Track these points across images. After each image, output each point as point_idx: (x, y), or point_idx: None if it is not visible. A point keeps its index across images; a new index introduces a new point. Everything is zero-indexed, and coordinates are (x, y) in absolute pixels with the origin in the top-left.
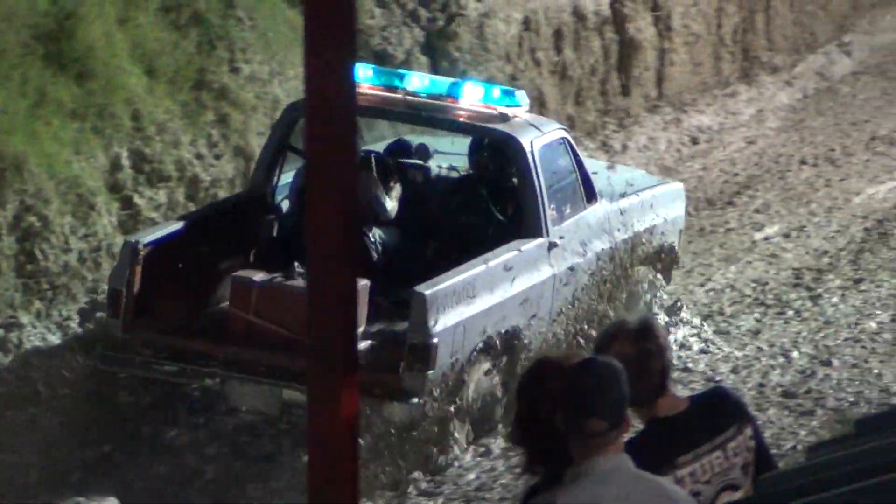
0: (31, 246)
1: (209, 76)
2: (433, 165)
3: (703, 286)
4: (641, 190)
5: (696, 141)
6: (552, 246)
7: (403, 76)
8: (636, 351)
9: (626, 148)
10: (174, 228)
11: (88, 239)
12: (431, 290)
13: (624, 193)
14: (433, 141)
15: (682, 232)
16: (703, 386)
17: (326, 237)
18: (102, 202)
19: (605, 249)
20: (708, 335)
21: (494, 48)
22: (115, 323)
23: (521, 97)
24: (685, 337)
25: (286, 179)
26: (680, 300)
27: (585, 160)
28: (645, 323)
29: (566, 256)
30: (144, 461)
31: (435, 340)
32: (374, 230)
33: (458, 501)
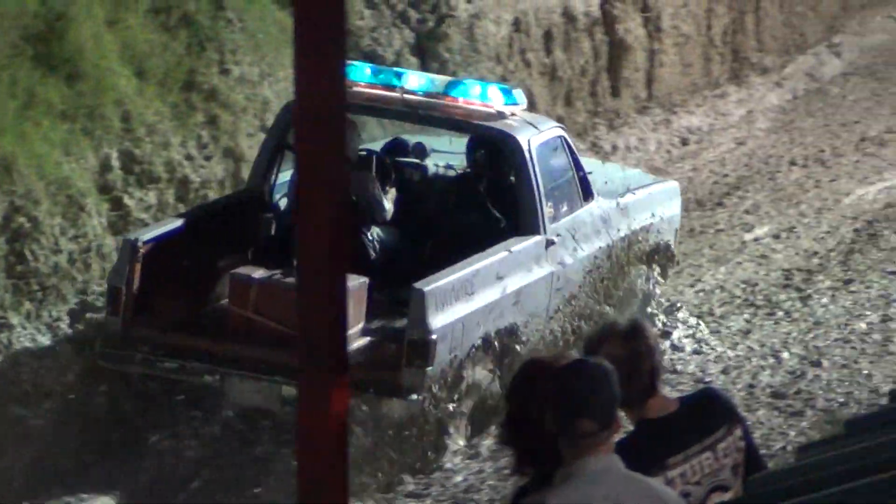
0: (20, 247)
1: (199, 77)
2: (430, 164)
3: (692, 287)
4: (638, 188)
5: (685, 142)
6: (549, 244)
7: (401, 75)
8: (626, 352)
9: (615, 149)
10: (173, 226)
11: (78, 240)
12: (430, 286)
13: (620, 192)
14: (429, 140)
15: (678, 231)
16: (692, 387)
17: (317, 238)
18: (92, 203)
19: (601, 247)
20: (703, 335)
21: (484, 49)
22: (114, 320)
23: (518, 95)
24: (679, 338)
25: (284, 178)
26: (679, 301)
27: (582, 159)
28: (634, 324)
29: (563, 254)
30: (138, 460)
31: (434, 337)
32: (372, 229)
33: (446, 503)
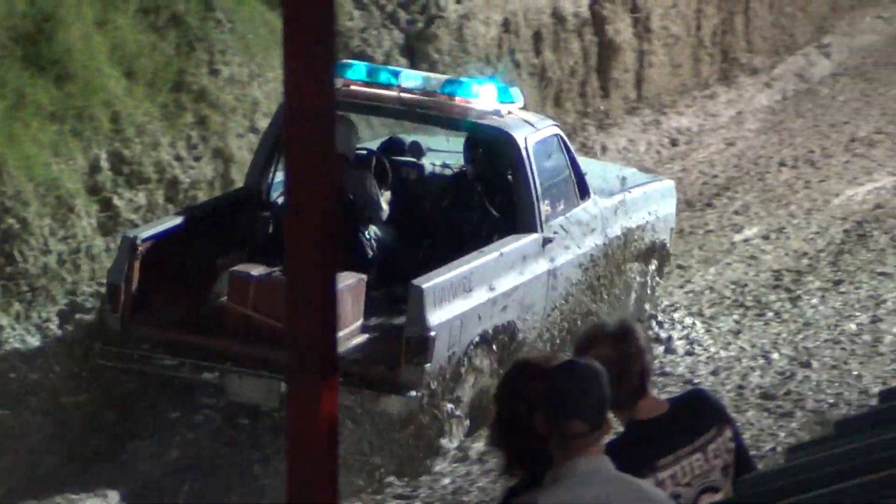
0: (10, 248)
1: (188, 78)
2: (426, 163)
3: (682, 288)
4: (634, 187)
5: (675, 142)
6: (547, 241)
7: (398, 73)
8: (616, 353)
9: (605, 149)
10: (172, 224)
11: (68, 241)
12: (429, 283)
13: (616, 191)
14: (424, 138)
15: (673, 229)
16: (681, 388)
17: (306, 239)
18: (81, 204)
19: (598, 245)
20: (697, 335)
21: (474, 50)
22: (113, 318)
23: (515, 94)
24: (673, 339)
25: (281, 176)
26: (673, 302)
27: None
28: (624, 326)
29: (560, 252)
30: (132, 461)
31: (432, 333)
32: (369, 228)
33: None
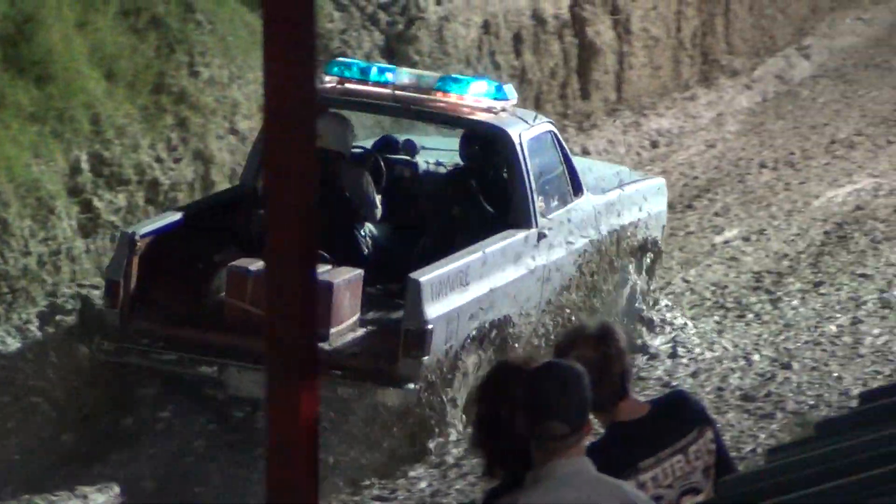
0: None
1: (168, 80)
2: (420, 161)
3: (662, 290)
4: (626, 184)
5: (655, 144)
6: (541, 237)
7: (392, 71)
8: (597, 355)
9: (585, 151)
10: (170, 220)
11: (48, 242)
12: (426, 277)
13: (609, 188)
14: (416, 137)
15: (664, 227)
16: (659, 391)
17: (286, 241)
18: (62, 206)
19: (591, 242)
20: (687, 336)
21: (454, 52)
22: (112, 314)
23: (509, 91)
24: (658, 342)
25: None
26: (670, 301)
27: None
28: (605, 327)
29: (554, 247)
30: (120, 457)
31: (430, 327)
32: (364, 225)
33: None
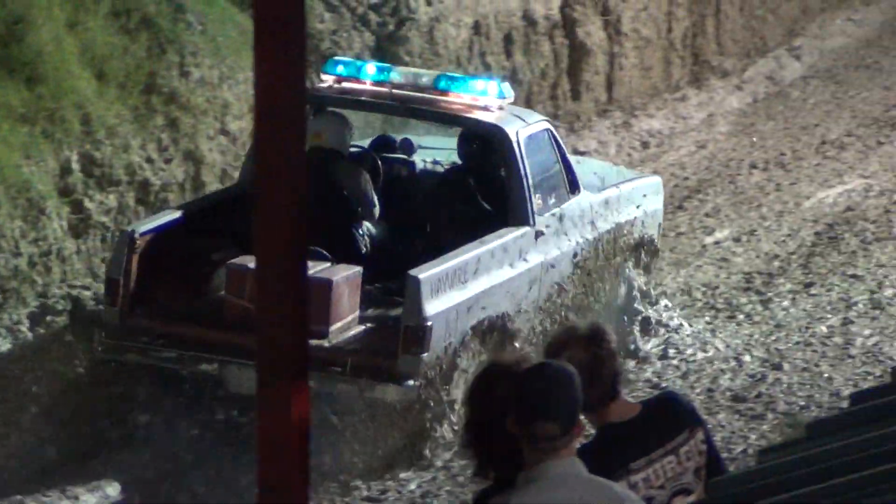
0: None
1: (159, 80)
2: (417, 160)
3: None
4: (622, 183)
5: (646, 145)
6: (539, 234)
7: (390, 70)
8: (588, 356)
9: (576, 152)
10: (169, 218)
11: (38, 243)
12: (425, 274)
13: (605, 186)
14: (413, 137)
15: (661, 224)
16: (647, 393)
17: (275, 245)
18: (52, 206)
19: (588, 240)
20: (681, 338)
21: (445, 52)
22: (112, 311)
23: (506, 89)
24: (656, 344)
25: None
26: (667, 301)
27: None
28: (595, 328)
29: (552, 245)
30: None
31: (429, 323)
32: (362, 224)
33: None
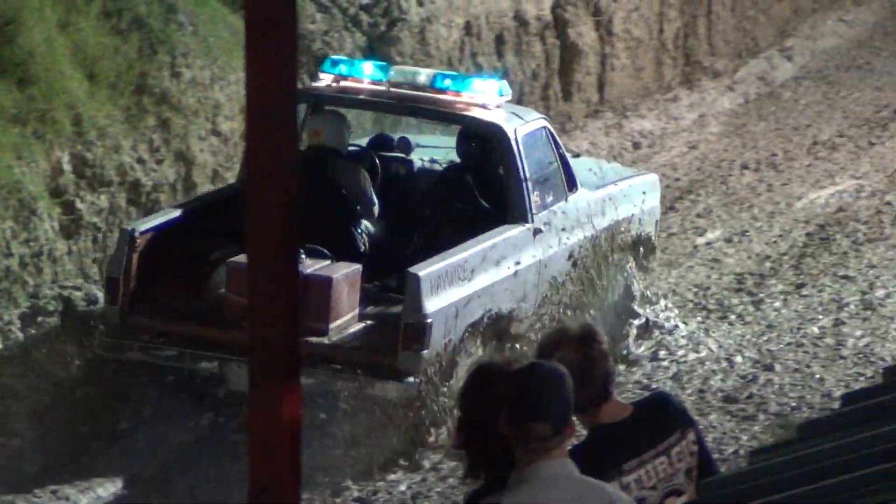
0: None
1: (150, 81)
2: (415, 158)
3: (650, 292)
4: (619, 180)
5: (637, 146)
6: (537, 232)
7: (388, 68)
8: (579, 357)
9: (568, 152)
10: (169, 217)
11: (30, 244)
12: (425, 271)
13: (603, 184)
14: (411, 135)
15: (658, 222)
16: (638, 395)
17: (268, 239)
18: (44, 207)
19: (586, 237)
20: (674, 339)
21: (436, 53)
22: (113, 310)
23: (504, 87)
24: (650, 345)
25: None
26: (666, 300)
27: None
28: (587, 329)
29: (550, 243)
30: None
31: (429, 320)
32: (361, 223)
33: None
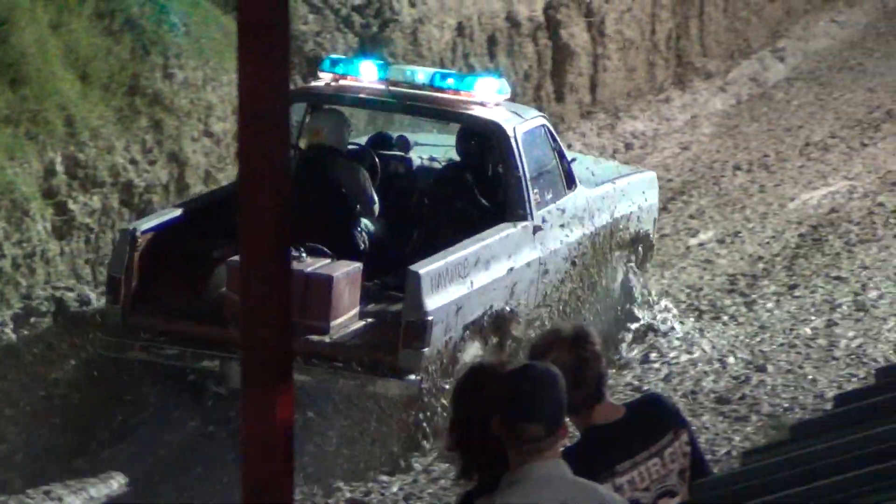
0: None
1: (143, 82)
2: (414, 157)
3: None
4: (618, 178)
5: (630, 146)
6: (537, 229)
7: (387, 67)
8: (572, 358)
9: None
10: (170, 216)
11: (22, 245)
12: (425, 269)
13: (601, 181)
14: (410, 135)
15: (656, 220)
16: (629, 395)
17: (259, 247)
18: (36, 208)
19: (585, 235)
20: (668, 341)
21: (428, 54)
22: (114, 309)
23: (503, 85)
24: (644, 349)
25: None
26: (666, 300)
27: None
28: (580, 330)
29: (550, 240)
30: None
31: (430, 318)
32: (360, 221)
33: None
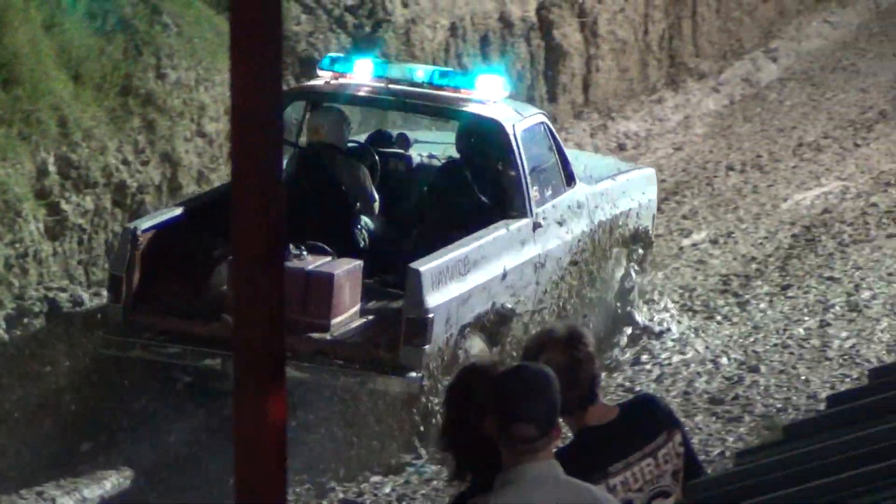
0: None
1: (135, 82)
2: (413, 154)
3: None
4: (617, 175)
5: (623, 147)
6: (536, 226)
7: (385, 65)
8: (566, 359)
9: None
10: (171, 215)
11: (15, 245)
12: (426, 266)
13: (601, 178)
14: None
15: (655, 216)
16: (621, 396)
17: (253, 247)
18: (29, 208)
19: (585, 231)
20: (663, 341)
21: (421, 54)
22: (116, 308)
23: (502, 83)
24: (636, 350)
25: None
26: (666, 301)
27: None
28: (573, 331)
29: (549, 237)
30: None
31: (431, 315)
32: (361, 219)
33: None
